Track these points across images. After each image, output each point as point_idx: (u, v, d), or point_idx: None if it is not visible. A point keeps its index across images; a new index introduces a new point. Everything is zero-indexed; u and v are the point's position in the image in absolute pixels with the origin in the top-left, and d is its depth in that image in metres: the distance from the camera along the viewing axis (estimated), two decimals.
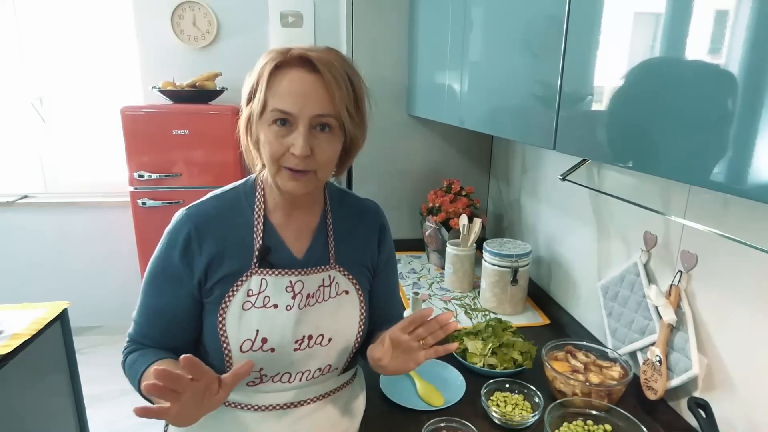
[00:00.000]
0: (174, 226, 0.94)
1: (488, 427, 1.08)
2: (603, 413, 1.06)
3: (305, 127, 0.83)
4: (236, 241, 0.93)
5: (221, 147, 2.66)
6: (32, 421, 1.55)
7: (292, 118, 0.84)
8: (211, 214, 0.94)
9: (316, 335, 0.95)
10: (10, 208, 3.18)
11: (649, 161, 0.69)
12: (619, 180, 1.33)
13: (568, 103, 0.90)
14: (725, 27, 0.56)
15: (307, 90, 0.83)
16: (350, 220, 1.04)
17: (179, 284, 0.92)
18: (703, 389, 1.04)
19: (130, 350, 0.96)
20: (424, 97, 2.00)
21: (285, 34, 2.98)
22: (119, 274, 3.32)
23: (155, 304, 0.95)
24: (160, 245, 0.94)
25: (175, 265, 0.91)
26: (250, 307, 0.91)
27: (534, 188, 1.89)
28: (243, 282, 0.92)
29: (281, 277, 0.93)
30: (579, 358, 1.25)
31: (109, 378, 2.90)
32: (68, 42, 3.08)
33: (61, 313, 1.66)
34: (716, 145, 0.57)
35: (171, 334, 0.95)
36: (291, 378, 0.96)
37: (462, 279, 1.86)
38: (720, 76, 0.57)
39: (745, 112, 0.53)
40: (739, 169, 0.55)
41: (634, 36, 0.73)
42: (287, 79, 0.84)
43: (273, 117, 0.84)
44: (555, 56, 0.91)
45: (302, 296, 0.94)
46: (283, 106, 0.83)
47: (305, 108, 0.83)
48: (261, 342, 0.91)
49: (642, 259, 1.21)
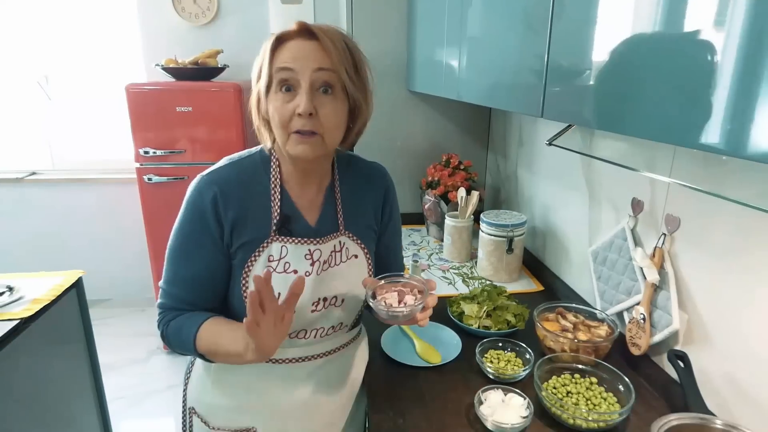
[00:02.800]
0: (196, 191, 0.96)
1: (483, 381, 1.16)
2: (589, 367, 1.14)
3: (307, 84, 0.88)
4: (256, 208, 0.97)
5: (224, 124, 2.70)
6: (52, 384, 1.64)
7: (294, 78, 0.88)
8: (232, 180, 0.97)
9: (331, 297, 1.02)
10: (18, 184, 3.25)
11: (625, 124, 0.75)
12: (608, 147, 1.38)
13: (553, 74, 0.96)
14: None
15: (307, 51, 0.89)
16: (358, 183, 1.09)
17: (213, 245, 0.96)
18: (684, 343, 1.12)
19: (169, 318, 0.98)
20: (423, 72, 2.04)
21: (285, 11, 3.00)
22: (127, 248, 3.41)
23: (191, 269, 0.97)
24: (185, 213, 0.96)
25: (207, 227, 0.94)
26: (272, 272, 0.96)
27: (530, 161, 1.94)
28: (264, 248, 0.97)
29: (300, 245, 0.99)
30: (569, 318, 1.32)
31: (118, 348, 3.04)
32: (72, 20, 3.11)
33: (76, 281, 1.73)
34: (689, 107, 0.63)
35: (208, 295, 0.99)
36: (306, 335, 1.03)
37: (460, 249, 1.93)
38: (691, 46, 0.62)
39: (717, 79, 0.58)
40: (709, 128, 0.60)
41: (612, 13, 0.78)
42: (287, 48, 0.89)
43: (277, 79, 0.89)
44: (543, 31, 0.97)
45: (319, 263, 1.00)
46: (285, 64, 0.88)
47: (306, 64, 0.88)
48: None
49: (629, 224, 1.28)
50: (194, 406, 1.10)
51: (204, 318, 0.95)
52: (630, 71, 0.74)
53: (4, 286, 1.61)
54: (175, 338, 0.97)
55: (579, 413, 0.99)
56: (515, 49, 1.15)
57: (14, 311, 1.49)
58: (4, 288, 1.60)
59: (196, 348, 0.94)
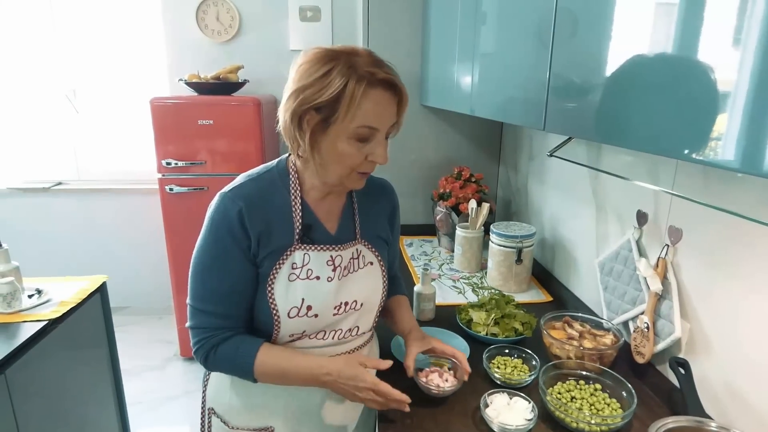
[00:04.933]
0: (221, 207, 0.99)
1: (489, 386, 1.19)
2: (594, 374, 1.17)
3: (383, 135, 0.97)
4: (278, 219, 1.02)
5: (243, 137, 2.79)
6: (76, 385, 1.70)
7: (376, 132, 0.95)
8: (253, 195, 1.01)
9: (351, 301, 1.08)
10: (45, 193, 3.38)
11: (619, 136, 0.80)
12: (613, 160, 1.42)
13: (555, 89, 1.02)
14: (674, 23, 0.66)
15: (389, 107, 0.96)
16: (370, 198, 1.17)
17: (243, 257, 0.99)
18: (686, 352, 1.14)
19: (214, 342, 1.00)
20: (436, 87, 2.10)
21: (304, 28, 3.10)
22: (147, 257, 3.50)
23: (225, 282, 1.00)
24: (211, 228, 0.99)
25: (236, 239, 0.98)
26: (295, 279, 1.02)
27: (540, 174, 1.98)
28: (288, 257, 1.02)
29: (322, 252, 1.05)
30: (575, 327, 1.35)
31: (136, 354, 3.11)
32: (100, 37, 3.25)
33: (101, 285, 1.81)
34: (678, 121, 0.67)
35: (241, 306, 1.03)
36: (325, 336, 1.08)
37: (470, 260, 1.97)
38: (679, 64, 0.67)
39: (710, 95, 0.62)
40: (705, 143, 0.63)
41: (611, 29, 0.83)
42: (374, 100, 0.92)
43: (359, 133, 0.93)
44: (545, 47, 1.03)
45: (341, 268, 1.06)
46: (373, 124, 0.94)
47: (387, 121, 0.96)
48: (306, 309, 1.02)
49: (635, 235, 1.31)
50: (213, 407, 1.15)
51: (258, 344, 1.01)
52: (625, 86, 0.79)
53: (33, 289, 1.69)
54: (230, 364, 1.01)
55: (582, 417, 1.03)
56: (522, 65, 1.21)
57: (43, 312, 1.57)
58: (33, 291, 1.68)
59: (254, 367, 0.99)
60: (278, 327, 1.02)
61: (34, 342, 1.47)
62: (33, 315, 1.55)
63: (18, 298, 1.58)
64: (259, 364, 0.99)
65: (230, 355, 1.00)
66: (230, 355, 1.00)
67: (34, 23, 3.20)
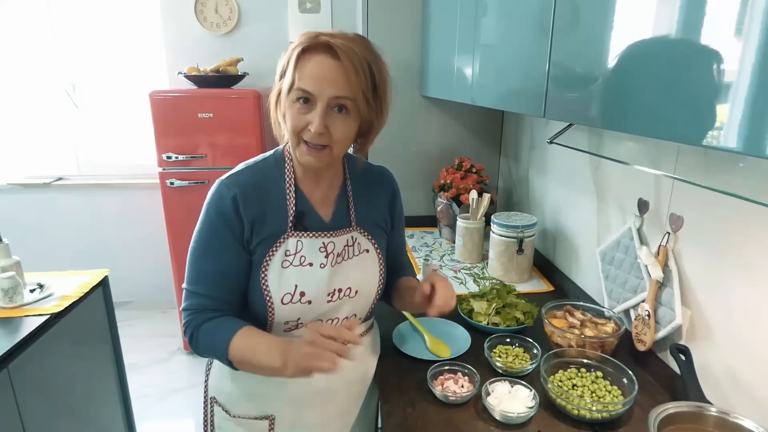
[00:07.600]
0: (217, 194, 1.01)
1: (491, 375, 1.19)
2: (595, 362, 1.17)
3: (323, 107, 0.93)
4: (272, 207, 1.03)
5: (244, 130, 2.78)
6: (79, 379, 1.71)
7: (312, 97, 0.94)
8: (249, 182, 1.03)
9: (345, 288, 1.08)
10: (46, 189, 3.38)
11: (620, 121, 0.80)
12: (614, 146, 1.41)
13: (554, 78, 1.01)
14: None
15: (327, 74, 0.93)
16: (367, 186, 1.16)
17: (235, 242, 1.01)
18: (687, 339, 1.14)
19: (198, 323, 1.01)
20: (436, 78, 2.09)
21: (303, 20, 3.09)
22: (149, 251, 3.51)
23: (216, 265, 1.01)
24: (208, 214, 1.02)
25: (230, 225, 1.00)
26: (288, 266, 1.02)
27: (541, 164, 1.98)
28: (281, 243, 1.02)
29: (314, 239, 1.05)
30: (576, 316, 1.35)
31: (140, 348, 3.13)
32: (99, 31, 3.24)
33: (102, 279, 1.81)
34: (682, 105, 0.67)
35: (232, 289, 1.03)
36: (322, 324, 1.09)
37: (471, 251, 1.96)
38: (678, 49, 0.67)
39: (711, 77, 0.62)
40: (706, 125, 0.63)
41: (609, 15, 0.82)
42: (311, 62, 0.93)
43: (296, 95, 0.95)
44: (545, 34, 1.02)
45: (333, 255, 1.06)
46: (305, 86, 0.93)
47: (324, 90, 0.93)
48: (299, 295, 1.02)
49: (636, 224, 1.31)
50: (215, 396, 1.16)
51: (237, 326, 0.99)
52: (624, 71, 0.78)
53: (35, 284, 1.69)
54: (206, 344, 1.00)
55: (583, 404, 1.03)
56: (522, 53, 1.20)
57: (45, 307, 1.57)
58: (35, 285, 1.69)
59: (228, 355, 0.97)
60: (272, 314, 1.02)
61: (37, 336, 1.47)
62: (35, 309, 1.55)
63: (20, 293, 1.59)
64: (234, 346, 0.97)
65: (210, 335, 1.00)
66: (209, 336, 1.00)
67: (33, 18, 3.19)
